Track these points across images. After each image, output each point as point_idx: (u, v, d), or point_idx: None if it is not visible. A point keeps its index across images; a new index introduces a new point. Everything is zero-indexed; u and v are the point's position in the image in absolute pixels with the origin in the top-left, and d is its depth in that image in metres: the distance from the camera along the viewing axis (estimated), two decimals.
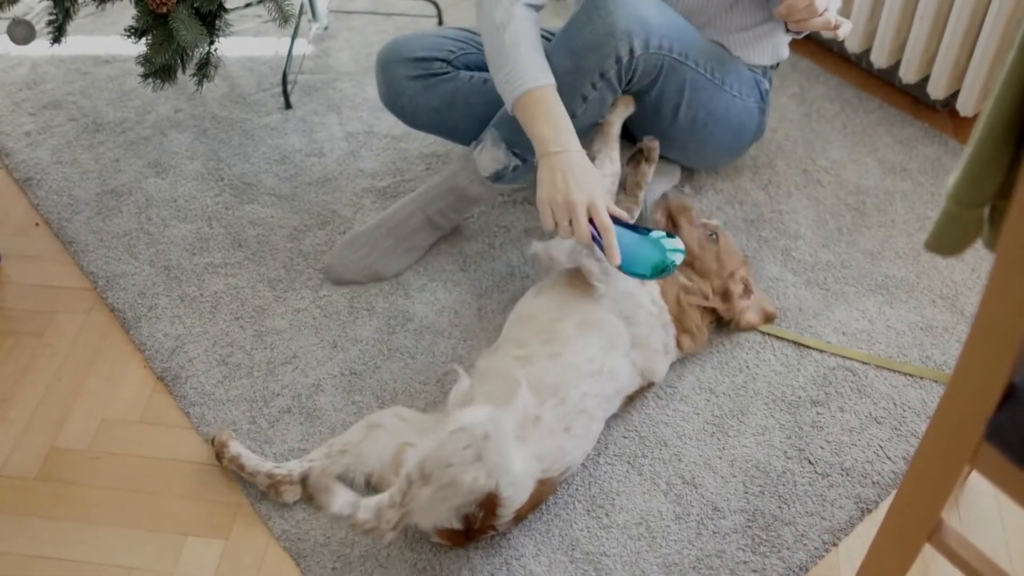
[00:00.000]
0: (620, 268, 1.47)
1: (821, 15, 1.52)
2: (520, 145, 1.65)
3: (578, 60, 1.56)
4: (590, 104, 1.60)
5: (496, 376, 1.47)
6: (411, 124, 1.85)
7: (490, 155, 1.67)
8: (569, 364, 1.45)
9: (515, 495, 1.34)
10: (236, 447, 1.52)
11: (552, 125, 1.52)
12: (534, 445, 1.38)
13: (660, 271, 1.49)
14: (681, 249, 1.52)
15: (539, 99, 1.52)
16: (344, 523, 1.32)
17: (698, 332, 1.62)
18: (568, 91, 1.56)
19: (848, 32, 1.56)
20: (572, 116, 1.57)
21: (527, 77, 1.52)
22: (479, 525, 1.35)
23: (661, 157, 1.89)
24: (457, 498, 1.30)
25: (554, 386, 1.43)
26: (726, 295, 1.65)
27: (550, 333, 1.49)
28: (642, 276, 1.49)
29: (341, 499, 1.31)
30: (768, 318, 1.72)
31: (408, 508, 1.28)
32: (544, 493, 1.42)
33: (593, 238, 1.47)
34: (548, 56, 1.58)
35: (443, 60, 1.76)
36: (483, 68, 1.79)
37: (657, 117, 1.72)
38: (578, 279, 1.56)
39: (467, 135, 1.78)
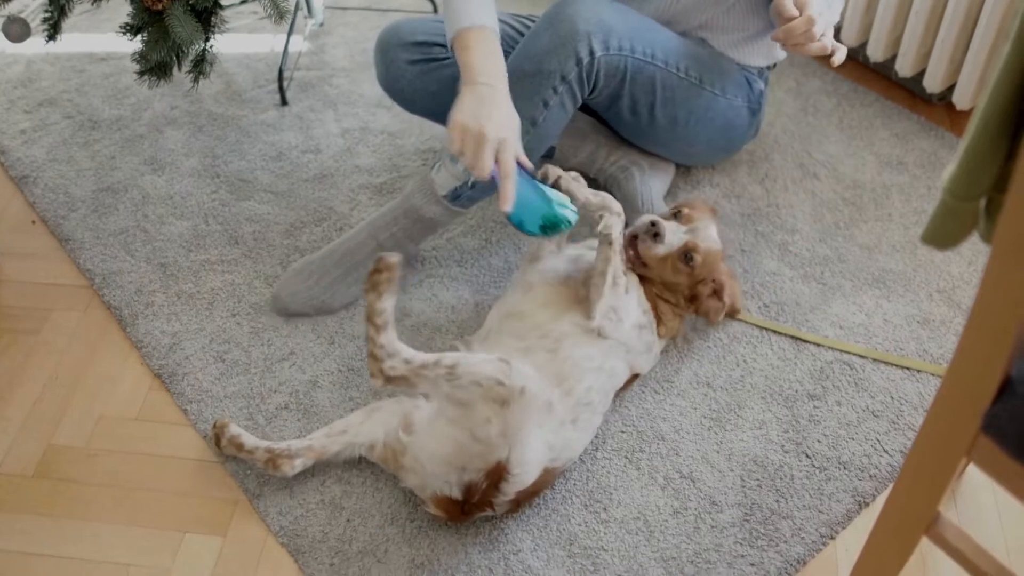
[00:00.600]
0: (508, 217, 1.45)
1: (819, 40, 1.52)
2: None
3: (539, 64, 1.56)
4: (551, 110, 1.60)
5: None
6: (408, 108, 1.85)
7: (448, 171, 1.65)
8: (567, 358, 1.47)
9: (522, 474, 1.36)
10: (235, 428, 1.52)
11: (488, 60, 1.48)
12: (549, 433, 1.40)
13: (547, 230, 1.48)
14: (572, 214, 1.50)
15: (481, 37, 1.49)
16: (375, 327, 1.37)
17: (670, 323, 1.61)
18: (530, 96, 1.57)
19: (843, 58, 1.55)
20: (533, 124, 1.58)
21: (475, 16, 1.49)
22: (478, 498, 1.36)
23: (654, 155, 1.89)
24: (461, 430, 1.34)
25: (558, 375, 1.45)
26: (694, 298, 1.62)
27: (545, 331, 1.50)
28: (530, 232, 1.47)
29: (391, 330, 1.37)
30: (731, 312, 1.68)
31: (416, 381, 1.35)
32: (544, 483, 1.43)
33: (493, 178, 1.44)
34: (510, 62, 1.57)
35: (443, 45, 1.76)
36: None
37: (635, 118, 1.73)
38: (568, 285, 1.57)
39: None
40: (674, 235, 1.57)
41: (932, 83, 2.08)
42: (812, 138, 2.10)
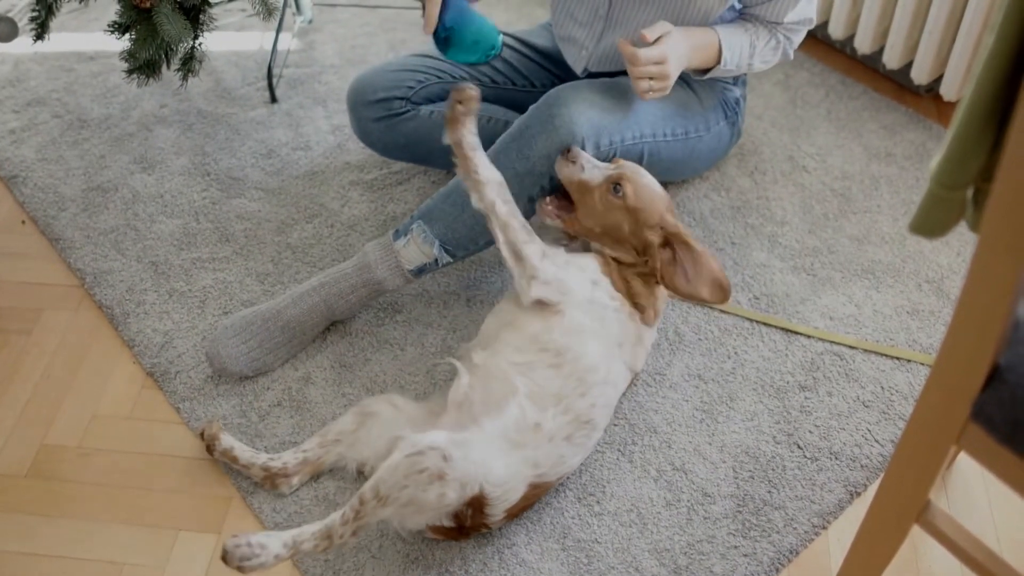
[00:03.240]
0: (434, 36, 1.44)
1: (642, 73, 1.53)
2: (453, 242, 1.62)
3: (532, 165, 1.57)
4: (534, 204, 1.61)
5: (494, 378, 1.42)
6: (385, 156, 1.89)
7: (418, 249, 1.62)
8: (571, 374, 1.40)
9: (503, 495, 1.35)
10: (227, 440, 1.52)
11: None
12: (531, 450, 1.37)
13: (472, 51, 1.44)
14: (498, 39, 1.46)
15: None
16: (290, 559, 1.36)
17: (646, 300, 1.50)
18: (518, 192, 1.55)
19: (651, 98, 1.58)
20: (514, 216, 1.54)
21: None
22: (470, 523, 1.36)
23: None
24: (429, 511, 1.33)
25: (555, 395, 1.40)
26: (645, 249, 1.49)
27: (543, 343, 1.43)
28: (453, 56, 1.46)
29: (276, 543, 1.32)
30: (721, 290, 1.49)
31: (363, 522, 1.31)
32: (538, 496, 1.43)
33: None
34: (498, 155, 1.58)
35: (403, 98, 1.78)
36: (443, 98, 1.80)
37: None
38: None
39: (439, 163, 1.83)
40: (596, 168, 1.52)
41: (920, 74, 2.09)
42: (801, 130, 2.11)
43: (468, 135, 1.43)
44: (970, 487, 1.51)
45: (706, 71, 1.71)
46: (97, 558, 1.45)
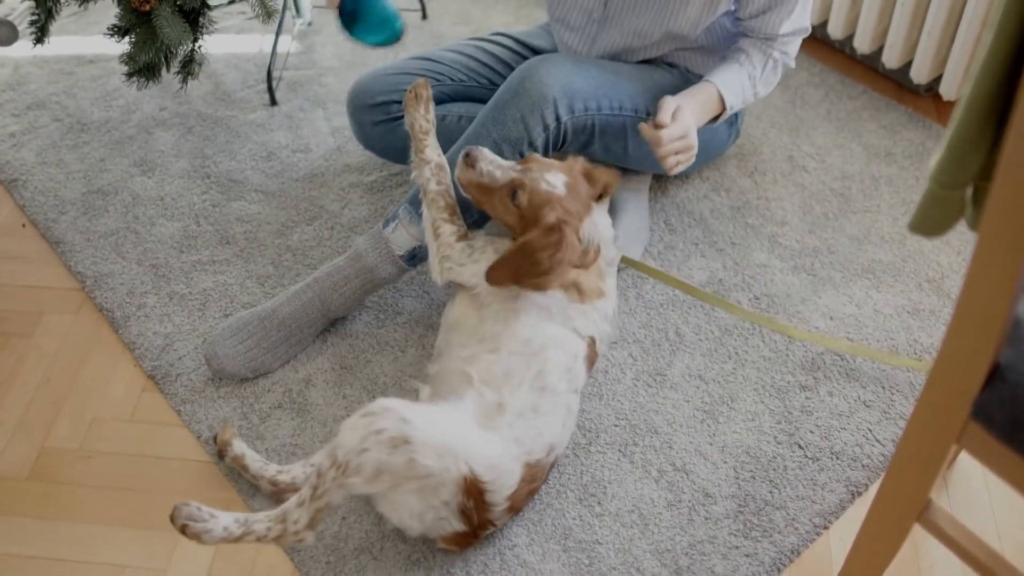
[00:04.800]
0: (341, 15, 1.48)
1: (667, 150, 1.58)
2: None
3: (507, 131, 1.59)
4: None
5: (449, 376, 1.45)
6: (385, 159, 1.91)
7: (407, 232, 1.63)
8: (511, 353, 1.42)
9: (499, 479, 1.33)
10: (239, 447, 1.52)
11: None
12: (506, 430, 1.37)
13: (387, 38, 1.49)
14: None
15: None
16: (239, 541, 1.32)
17: (578, 282, 1.48)
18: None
19: (681, 169, 1.64)
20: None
21: None
22: (477, 519, 1.34)
23: (631, 171, 1.89)
24: (410, 485, 1.29)
25: (504, 374, 1.41)
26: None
27: (480, 334, 1.46)
28: (370, 39, 1.50)
29: (227, 517, 1.30)
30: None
31: (322, 502, 1.28)
32: (535, 479, 1.41)
33: None
34: (477, 127, 1.61)
35: (399, 102, 1.78)
36: (442, 101, 1.83)
37: (609, 156, 1.75)
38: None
39: None
40: (499, 169, 1.47)
41: (919, 74, 2.09)
42: (800, 130, 2.11)
43: (421, 120, 1.55)
44: (971, 486, 1.51)
45: (715, 119, 1.73)
46: (98, 561, 1.45)
